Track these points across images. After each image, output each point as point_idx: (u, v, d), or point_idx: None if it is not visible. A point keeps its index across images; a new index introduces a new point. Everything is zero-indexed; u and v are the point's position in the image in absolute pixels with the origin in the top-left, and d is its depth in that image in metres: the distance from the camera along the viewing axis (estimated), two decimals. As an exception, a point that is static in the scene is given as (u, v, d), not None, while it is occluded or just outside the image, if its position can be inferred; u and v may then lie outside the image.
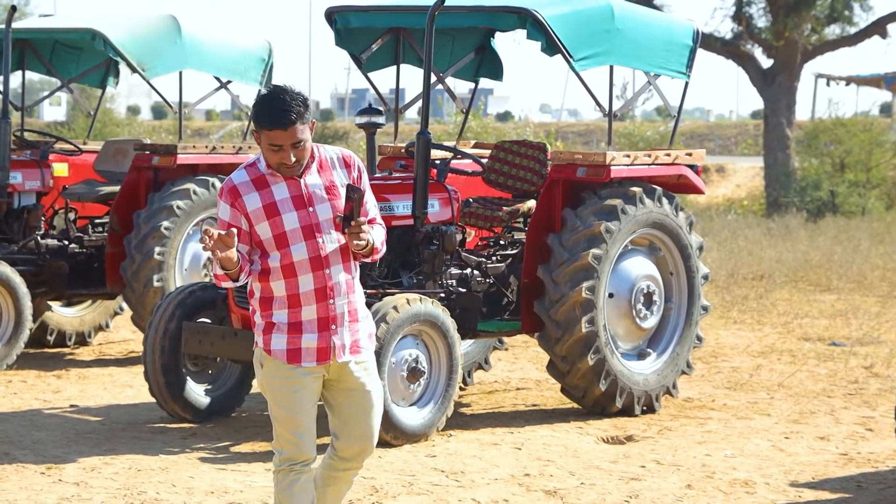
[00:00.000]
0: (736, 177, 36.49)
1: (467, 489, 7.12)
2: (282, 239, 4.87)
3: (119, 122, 35.40)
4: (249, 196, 4.88)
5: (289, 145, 4.81)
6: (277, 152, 4.82)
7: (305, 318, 4.92)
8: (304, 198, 4.89)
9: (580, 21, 8.89)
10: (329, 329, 4.93)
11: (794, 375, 10.49)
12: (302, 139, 4.82)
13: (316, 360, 4.96)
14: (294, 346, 4.94)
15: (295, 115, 4.78)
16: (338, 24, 9.33)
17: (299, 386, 4.96)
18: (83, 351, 11.59)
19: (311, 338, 4.93)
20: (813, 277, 16.05)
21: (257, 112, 4.83)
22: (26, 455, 7.67)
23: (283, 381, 4.97)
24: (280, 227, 4.87)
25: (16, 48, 11.46)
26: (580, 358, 8.80)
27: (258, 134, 4.84)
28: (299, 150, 4.83)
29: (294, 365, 4.94)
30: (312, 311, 4.91)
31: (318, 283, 4.90)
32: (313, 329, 4.93)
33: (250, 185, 4.90)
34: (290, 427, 4.99)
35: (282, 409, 4.98)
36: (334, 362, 4.97)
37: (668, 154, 9.37)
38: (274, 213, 4.87)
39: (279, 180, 4.90)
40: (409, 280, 8.66)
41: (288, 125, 4.78)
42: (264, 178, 4.90)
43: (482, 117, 30.30)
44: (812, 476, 7.56)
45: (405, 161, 9.51)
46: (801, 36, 28.02)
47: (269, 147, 4.82)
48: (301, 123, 4.80)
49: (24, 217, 11.00)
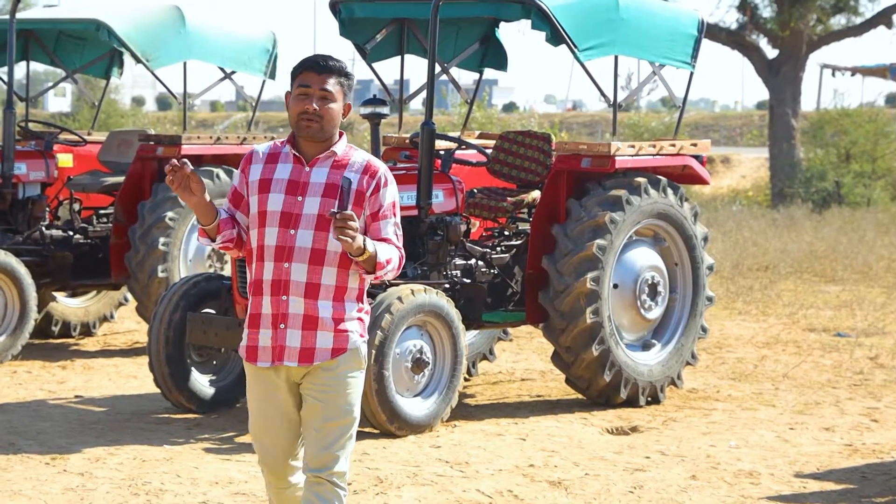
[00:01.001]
0: (741, 167, 36.44)
1: (472, 480, 7.12)
2: (261, 218, 4.64)
3: (123, 113, 35.39)
4: (256, 166, 4.70)
5: (317, 90, 4.59)
6: (303, 100, 4.59)
7: (263, 310, 4.67)
8: (300, 185, 4.64)
9: (585, 11, 8.87)
10: (278, 328, 4.65)
11: (799, 366, 10.48)
12: (332, 91, 4.60)
13: (271, 360, 4.67)
14: (252, 342, 4.71)
15: (333, 66, 4.61)
16: (342, 14, 9.32)
17: (260, 385, 4.71)
18: (88, 342, 11.59)
19: (266, 334, 4.67)
20: (818, 268, 16.03)
21: (298, 63, 4.66)
22: (31, 445, 7.68)
23: (250, 381, 4.76)
24: (263, 205, 4.64)
25: (20, 38, 11.45)
26: (585, 349, 8.79)
27: (291, 88, 4.65)
28: (325, 105, 4.60)
29: (251, 363, 4.72)
30: (267, 303, 4.65)
31: (276, 275, 4.62)
32: (266, 325, 4.67)
33: (263, 157, 4.70)
34: (254, 424, 4.78)
35: (249, 407, 4.78)
36: (284, 365, 4.67)
37: (672, 144, 9.35)
38: (265, 189, 4.65)
39: (289, 160, 4.67)
40: (414, 271, 8.65)
41: (322, 70, 4.59)
42: (278, 154, 4.70)
43: (487, 108, 30.26)
44: (817, 467, 7.56)
45: (409, 151, 9.50)
46: (807, 26, 27.95)
47: (297, 94, 4.61)
48: (336, 79, 4.61)
49: (29, 208, 11.00)
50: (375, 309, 7.90)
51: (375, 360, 7.86)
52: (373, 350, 7.85)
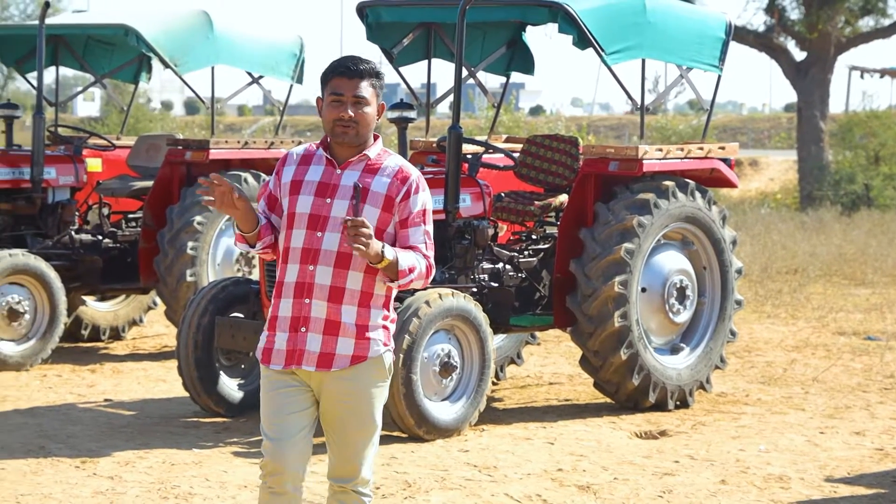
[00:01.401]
0: (769, 170, 36.29)
1: (500, 484, 7.11)
2: (290, 220, 4.61)
3: (152, 118, 35.53)
4: (289, 168, 4.68)
5: (350, 97, 4.55)
6: (337, 107, 4.57)
7: (282, 313, 4.62)
8: (330, 187, 4.59)
9: (612, 14, 8.86)
10: (298, 330, 4.58)
11: (829, 370, 10.43)
12: (365, 96, 4.56)
13: (283, 363, 4.62)
14: (269, 344, 4.66)
15: (364, 70, 4.57)
16: (369, 18, 9.34)
17: (273, 387, 4.63)
18: (117, 345, 11.64)
19: (283, 337, 4.61)
20: (847, 271, 15.95)
21: (328, 67, 4.62)
22: (61, 449, 7.72)
23: (263, 381, 4.70)
24: (293, 206, 4.61)
25: (49, 44, 11.52)
26: (613, 353, 8.77)
27: (322, 94, 4.62)
28: (359, 109, 4.57)
29: (265, 365, 4.67)
30: (288, 306, 4.60)
31: (301, 277, 4.57)
32: (285, 327, 4.61)
33: (297, 159, 4.68)
34: (268, 429, 4.64)
35: (262, 411, 4.69)
36: (302, 370, 4.60)
37: (700, 148, 9.33)
38: (296, 190, 4.62)
39: (322, 162, 4.64)
40: (442, 274, 8.65)
41: (353, 75, 4.56)
42: (311, 156, 4.67)
43: (514, 111, 30.25)
44: (847, 471, 7.52)
45: (437, 156, 9.51)
46: (835, 28, 27.83)
47: (329, 101, 4.58)
48: (367, 82, 4.58)
49: (59, 212, 11.06)
50: (403, 313, 7.91)
51: (403, 364, 7.86)
52: (401, 354, 7.85)
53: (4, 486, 6.92)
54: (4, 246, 10.74)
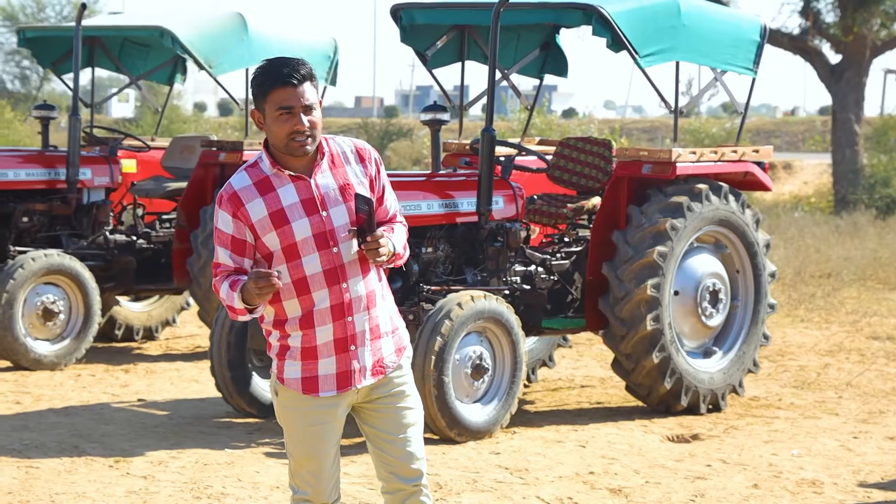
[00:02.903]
0: (803, 174, 36.12)
1: (531, 487, 7.11)
2: (292, 250, 4.27)
3: (186, 119, 35.72)
4: (253, 203, 4.27)
5: (300, 107, 4.22)
6: (288, 119, 4.22)
7: (321, 340, 4.32)
8: (317, 201, 4.29)
9: (646, 17, 8.84)
10: (348, 350, 4.34)
11: (863, 374, 10.37)
12: (313, 102, 4.24)
13: (336, 388, 4.35)
14: (310, 373, 4.35)
15: (304, 73, 4.23)
16: (403, 20, 9.35)
17: (318, 419, 4.37)
18: (150, 346, 11.71)
19: (329, 362, 4.34)
20: (882, 275, 15.86)
21: (259, 77, 4.24)
22: (95, 448, 7.76)
23: (299, 414, 4.38)
24: (290, 237, 4.26)
25: (85, 45, 11.60)
26: (645, 356, 8.75)
27: (261, 110, 4.26)
28: (312, 115, 4.25)
29: (311, 395, 4.36)
30: (328, 331, 4.32)
31: (335, 298, 4.30)
32: (330, 352, 4.33)
33: (253, 190, 4.28)
34: (308, 466, 4.40)
35: (298, 445, 4.40)
36: (355, 388, 4.39)
37: (734, 151, 9.30)
38: (282, 221, 4.26)
39: (286, 182, 4.29)
40: (474, 277, 8.66)
41: (298, 82, 4.21)
42: (268, 180, 4.29)
43: (546, 114, 30.23)
44: (881, 476, 7.47)
45: (470, 158, 9.51)
46: (870, 31, 27.67)
47: (277, 116, 4.22)
48: (311, 84, 4.25)
49: (94, 213, 11.14)
50: (435, 315, 7.92)
51: (435, 366, 7.87)
52: (432, 356, 7.86)
53: (39, 485, 6.97)
54: (40, 246, 10.83)
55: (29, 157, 11.32)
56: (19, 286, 10.06)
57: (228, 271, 4.35)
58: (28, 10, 48.39)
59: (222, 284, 4.33)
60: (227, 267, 4.35)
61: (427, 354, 7.86)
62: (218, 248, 4.37)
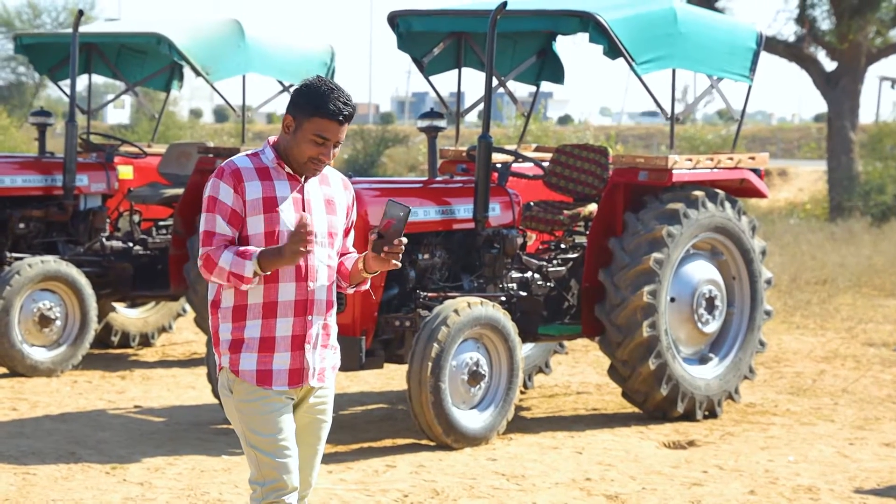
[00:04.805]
0: (798, 180, 36.16)
1: (528, 493, 7.12)
2: (272, 237, 4.39)
3: (182, 125, 35.71)
4: (252, 183, 4.41)
5: (333, 141, 4.40)
6: (319, 146, 4.39)
7: (280, 333, 4.43)
8: (304, 202, 4.45)
9: (643, 24, 8.86)
10: (303, 348, 4.45)
11: (859, 381, 10.38)
12: (342, 139, 4.45)
13: (288, 383, 4.46)
14: (265, 366, 4.44)
15: (349, 113, 4.40)
16: (400, 27, 9.37)
17: (276, 407, 4.46)
18: (147, 352, 11.70)
19: (284, 357, 4.45)
20: (877, 282, 15.88)
21: (311, 97, 4.37)
22: (91, 455, 7.76)
23: (256, 404, 4.46)
24: (275, 223, 4.39)
25: (82, 52, 11.62)
26: (641, 362, 8.77)
27: (297, 121, 4.39)
28: (337, 149, 4.45)
29: (264, 387, 4.45)
30: (288, 325, 4.43)
31: (300, 294, 4.43)
32: (286, 347, 4.44)
33: (253, 173, 4.43)
34: (274, 450, 4.45)
35: (260, 434, 4.46)
36: (305, 386, 4.50)
37: (730, 158, 9.32)
38: (273, 206, 4.40)
39: (283, 176, 4.45)
40: (470, 283, 8.67)
41: (344, 119, 4.38)
42: (268, 170, 4.45)
43: (542, 120, 30.26)
44: (877, 482, 7.49)
45: (466, 164, 9.53)
46: (866, 38, 27.72)
47: (311, 139, 4.37)
48: (349, 124, 4.45)
49: (90, 219, 11.14)
50: (432, 321, 7.92)
51: (432, 373, 7.88)
52: (429, 363, 7.87)
53: (36, 492, 6.97)
54: (36, 252, 10.83)
55: (25, 163, 11.33)
56: (16, 292, 10.06)
57: (227, 241, 4.41)
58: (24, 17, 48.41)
59: (223, 253, 4.37)
60: (225, 236, 4.41)
61: (424, 361, 7.87)
62: (214, 216, 4.42)
